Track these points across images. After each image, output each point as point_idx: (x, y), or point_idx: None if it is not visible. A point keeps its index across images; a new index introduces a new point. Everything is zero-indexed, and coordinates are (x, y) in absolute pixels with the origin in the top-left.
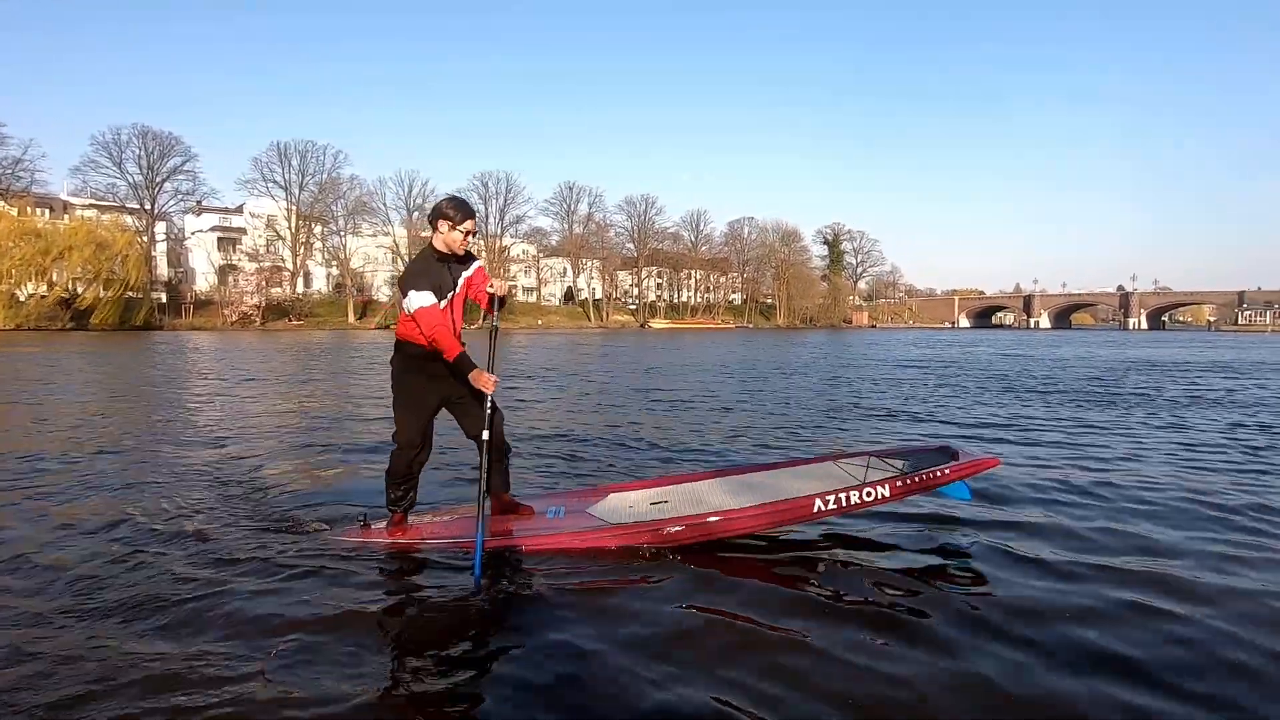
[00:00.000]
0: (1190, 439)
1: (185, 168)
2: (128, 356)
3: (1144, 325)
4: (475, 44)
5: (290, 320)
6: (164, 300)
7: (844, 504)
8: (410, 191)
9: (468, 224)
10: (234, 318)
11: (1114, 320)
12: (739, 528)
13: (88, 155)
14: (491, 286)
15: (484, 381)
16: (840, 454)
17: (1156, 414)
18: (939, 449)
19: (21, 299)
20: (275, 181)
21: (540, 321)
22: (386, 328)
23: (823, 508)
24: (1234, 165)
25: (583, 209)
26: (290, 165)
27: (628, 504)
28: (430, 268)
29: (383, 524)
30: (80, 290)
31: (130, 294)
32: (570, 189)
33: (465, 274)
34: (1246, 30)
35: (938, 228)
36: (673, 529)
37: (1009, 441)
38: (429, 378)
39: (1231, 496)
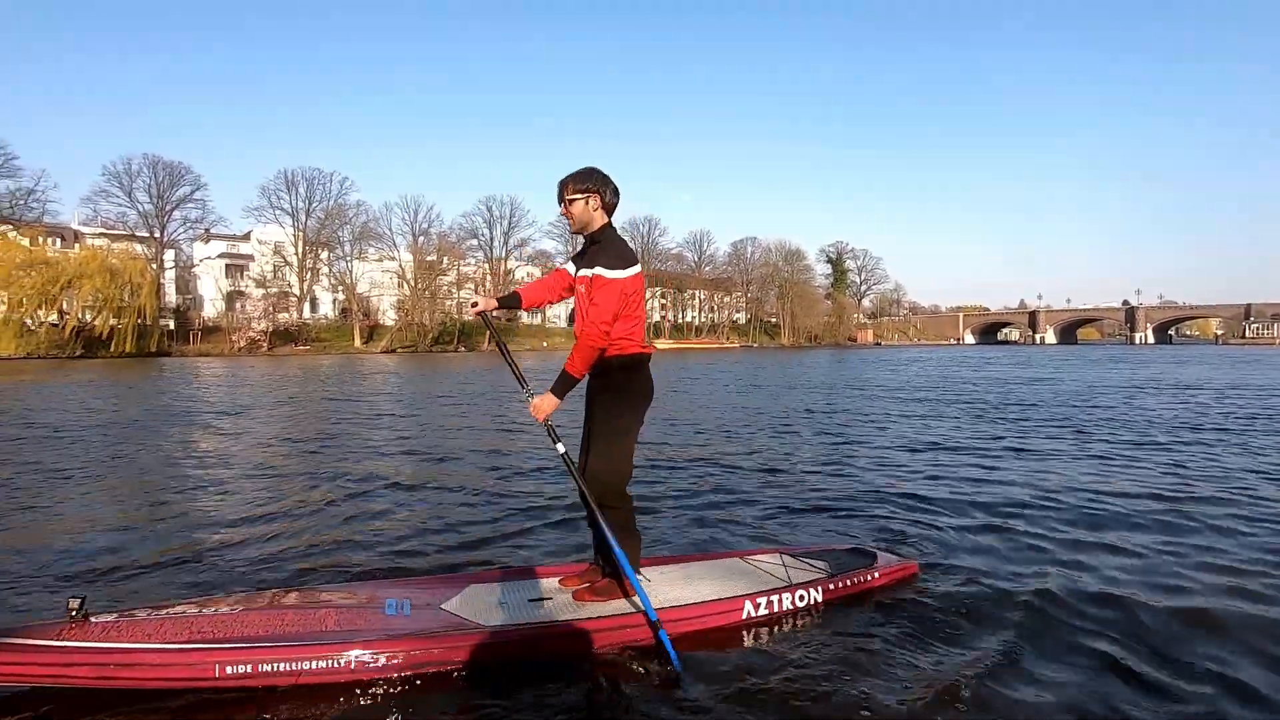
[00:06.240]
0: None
1: (194, 196)
2: (127, 387)
3: (1150, 340)
4: (478, 66)
5: (296, 345)
6: (172, 327)
7: (774, 608)
8: (416, 216)
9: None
10: (241, 344)
11: (1120, 335)
12: (642, 635)
13: (99, 185)
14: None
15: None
16: (748, 550)
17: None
18: (852, 550)
19: (33, 327)
20: (282, 209)
21: (545, 344)
22: (393, 351)
23: (752, 612)
24: (1242, 178)
25: None
26: (297, 192)
27: (494, 599)
28: None
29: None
30: (90, 318)
31: (140, 321)
32: None
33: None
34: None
35: (941, 245)
36: (552, 636)
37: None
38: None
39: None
